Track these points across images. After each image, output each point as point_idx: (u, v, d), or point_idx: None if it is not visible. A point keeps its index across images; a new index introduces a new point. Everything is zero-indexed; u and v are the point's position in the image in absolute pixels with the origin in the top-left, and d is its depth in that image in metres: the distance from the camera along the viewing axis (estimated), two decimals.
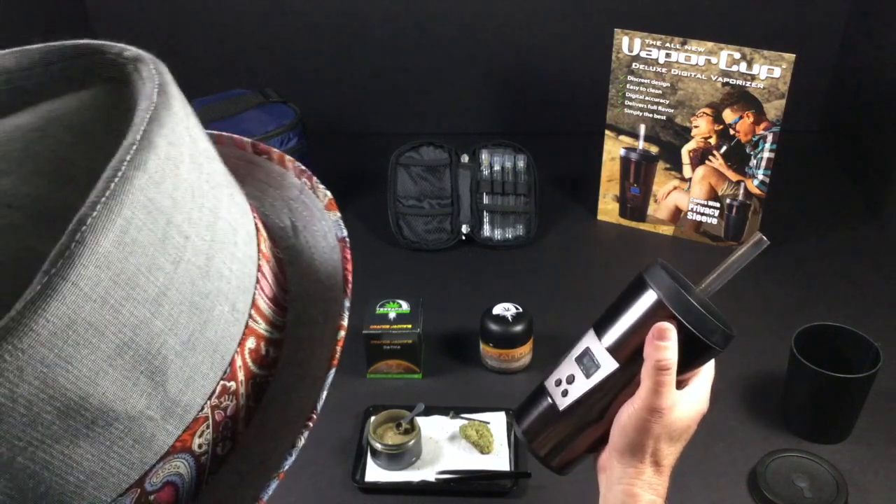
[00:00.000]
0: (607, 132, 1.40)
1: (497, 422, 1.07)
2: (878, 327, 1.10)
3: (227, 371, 0.45)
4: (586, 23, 1.62)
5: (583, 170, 1.55)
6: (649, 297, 0.62)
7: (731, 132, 1.31)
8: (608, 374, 0.64)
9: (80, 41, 0.44)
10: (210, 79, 1.52)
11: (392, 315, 1.15)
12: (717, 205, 1.38)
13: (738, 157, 1.32)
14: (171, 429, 0.41)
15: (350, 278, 0.52)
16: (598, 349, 0.64)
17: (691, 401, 0.64)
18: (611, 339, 0.64)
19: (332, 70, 1.71)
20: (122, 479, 0.39)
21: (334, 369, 0.48)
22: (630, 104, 1.36)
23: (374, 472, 1.01)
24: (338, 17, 1.65)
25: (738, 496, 0.97)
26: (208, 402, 0.43)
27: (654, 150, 1.38)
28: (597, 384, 0.64)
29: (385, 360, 1.15)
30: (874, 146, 1.49)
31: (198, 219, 0.41)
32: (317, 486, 1.01)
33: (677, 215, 1.42)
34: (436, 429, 1.07)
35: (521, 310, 1.14)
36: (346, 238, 0.54)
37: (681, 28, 1.32)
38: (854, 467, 0.99)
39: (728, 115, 1.30)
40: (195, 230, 0.40)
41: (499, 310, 1.15)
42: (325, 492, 1.00)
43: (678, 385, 0.62)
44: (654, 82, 1.32)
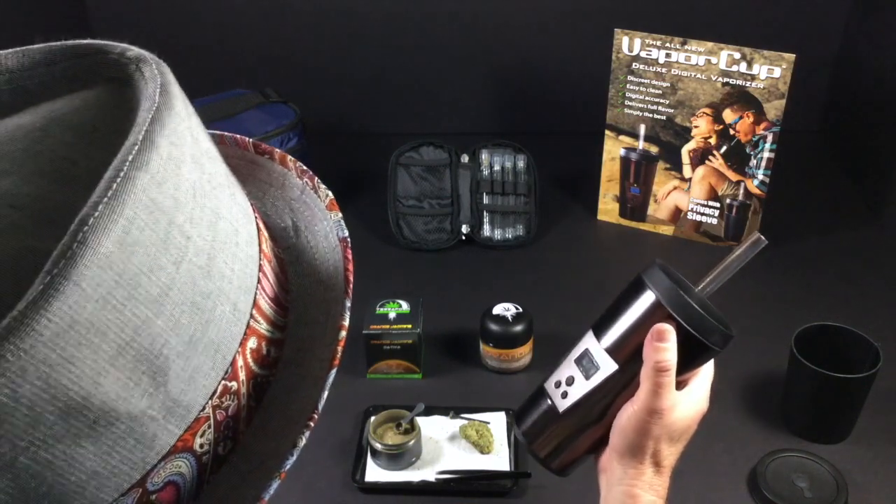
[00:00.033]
0: (607, 132, 1.41)
1: (497, 422, 1.07)
2: (878, 327, 1.10)
3: (229, 371, 0.45)
4: (586, 23, 1.62)
5: (583, 170, 1.55)
6: (648, 298, 0.62)
7: (731, 132, 1.31)
8: (608, 376, 0.64)
9: (82, 41, 0.44)
10: (210, 79, 1.52)
11: (392, 315, 1.15)
12: (717, 205, 1.38)
13: (738, 157, 1.32)
14: (173, 428, 0.41)
15: (351, 278, 0.52)
16: (598, 350, 0.64)
17: (691, 401, 0.64)
18: (610, 340, 0.64)
19: (332, 70, 1.71)
20: (124, 478, 0.39)
21: (335, 369, 0.48)
22: (630, 104, 1.36)
23: (374, 472, 1.01)
24: (338, 17, 1.65)
25: (738, 496, 0.97)
26: (210, 402, 0.43)
27: (654, 150, 1.39)
28: (596, 386, 0.64)
29: (385, 360, 1.15)
30: (874, 146, 1.49)
31: (199, 219, 0.41)
32: (317, 486, 1.01)
33: (677, 215, 1.42)
34: (436, 429, 1.07)
35: (521, 310, 1.14)
36: (348, 238, 0.54)
37: (681, 28, 1.32)
38: (854, 467, 0.99)
39: (728, 115, 1.30)
40: (197, 230, 0.40)
41: (499, 310, 1.15)
42: (325, 492, 1.00)
43: (677, 385, 0.62)
44: (654, 82, 1.32)
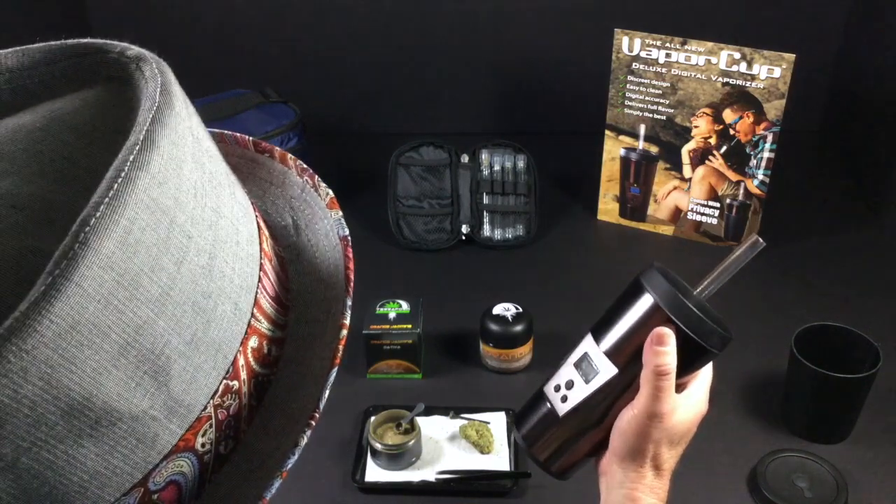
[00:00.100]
0: (607, 132, 1.40)
1: (497, 422, 1.07)
2: (878, 327, 1.10)
3: (230, 370, 0.45)
4: (586, 23, 1.62)
5: (583, 170, 1.55)
6: (646, 302, 0.62)
7: (731, 132, 1.31)
8: (607, 380, 0.64)
9: (83, 40, 0.44)
10: (210, 79, 1.52)
11: (392, 315, 1.15)
12: (717, 205, 1.38)
13: (738, 157, 1.32)
14: (175, 428, 0.41)
15: (352, 277, 0.52)
16: (597, 354, 0.64)
17: (690, 404, 0.64)
18: (609, 343, 0.64)
19: (332, 70, 1.71)
20: (126, 478, 0.40)
21: (336, 368, 0.48)
22: (630, 104, 1.36)
23: (374, 472, 1.01)
24: (338, 17, 1.65)
25: (738, 496, 0.97)
26: (211, 402, 0.43)
27: (654, 150, 1.39)
28: (596, 389, 0.64)
29: (385, 360, 1.15)
30: (874, 146, 1.49)
31: (200, 218, 0.41)
32: (317, 486, 1.01)
33: (677, 215, 1.42)
34: (436, 429, 1.07)
35: (521, 310, 1.14)
36: (348, 236, 0.54)
37: (681, 28, 1.32)
38: (854, 467, 0.99)
39: (728, 115, 1.30)
40: (198, 230, 0.40)
41: (499, 310, 1.15)
42: (325, 492, 1.00)
43: (676, 388, 0.62)
44: (654, 82, 1.32)
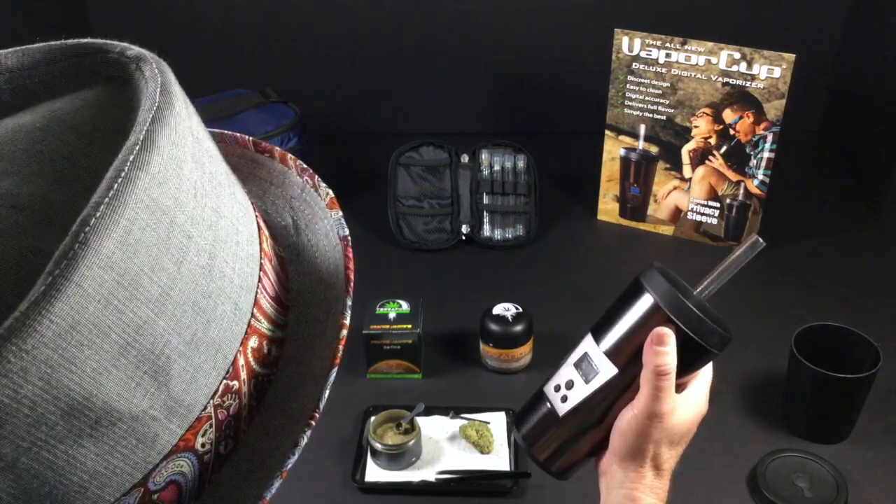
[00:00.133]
0: (607, 132, 1.40)
1: (497, 422, 1.07)
2: (878, 327, 1.10)
3: (230, 370, 0.45)
4: (586, 23, 1.62)
5: (583, 170, 1.55)
6: (646, 302, 0.62)
7: (731, 132, 1.31)
8: (607, 380, 0.64)
9: (83, 40, 0.44)
10: (210, 79, 1.52)
11: (392, 315, 1.15)
12: (717, 205, 1.38)
13: (738, 157, 1.32)
14: (175, 428, 0.41)
15: (352, 277, 0.52)
16: (597, 354, 0.64)
17: (691, 404, 0.64)
18: (609, 343, 0.64)
19: (332, 70, 1.71)
20: (126, 478, 0.40)
21: (336, 368, 0.48)
22: (630, 104, 1.36)
23: (374, 472, 1.01)
24: (338, 17, 1.65)
25: (738, 496, 0.97)
26: (211, 402, 0.43)
27: (654, 150, 1.39)
28: (596, 389, 0.64)
29: (385, 360, 1.15)
30: (874, 146, 1.49)
31: (200, 218, 0.41)
32: (317, 486, 1.01)
33: (677, 215, 1.42)
34: (436, 429, 1.07)
35: (521, 310, 1.14)
36: (348, 236, 0.54)
37: (681, 28, 1.32)
38: (854, 467, 0.99)
39: (728, 115, 1.30)
40: (198, 230, 0.40)
41: (499, 310, 1.15)
42: (325, 492, 1.00)
43: (676, 388, 0.62)
44: (654, 82, 1.32)
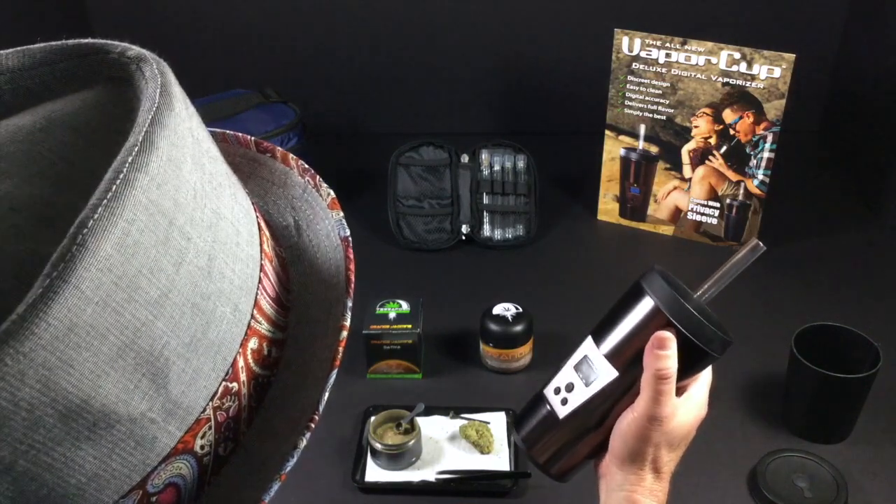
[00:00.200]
0: (607, 132, 1.40)
1: (497, 422, 1.07)
2: (878, 327, 1.10)
3: (230, 372, 0.44)
4: (586, 23, 1.62)
5: (583, 170, 1.55)
6: (647, 305, 0.62)
7: (731, 132, 1.31)
8: (607, 383, 0.64)
9: (83, 41, 0.44)
10: (210, 79, 1.52)
11: (392, 315, 1.15)
12: (717, 205, 1.38)
13: (738, 157, 1.32)
14: (173, 430, 0.41)
15: (352, 278, 0.52)
16: (597, 357, 0.64)
17: (690, 407, 0.64)
18: (609, 346, 0.64)
19: (332, 70, 1.71)
20: (124, 481, 0.39)
21: (336, 370, 0.48)
22: (630, 104, 1.36)
23: (374, 472, 1.01)
24: (338, 17, 1.65)
25: (738, 496, 0.97)
26: (210, 404, 0.43)
27: (654, 150, 1.38)
28: (596, 392, 0.64)
29: (385, 360, 1.15)
30: (874, 146, 1.49)
31: (200, 220, 0.41)
32: (317, 486, 1.00)
33: (677, 215, 1.42)
34: (436, 429, 1.07)
35: (521, 310, 1.14)
36: (349, 237, 0.54)
37: (681, 28, 1.32)
38: (854, 467, 0.99)
39: (728, 115, 1.30)
40: (197, 231, 0.40)
41: (499, 310, 1.15)
42: (325, 492, 1.00)
43: (676, 391, 0.62)
44: (654, 82, 1.32)
